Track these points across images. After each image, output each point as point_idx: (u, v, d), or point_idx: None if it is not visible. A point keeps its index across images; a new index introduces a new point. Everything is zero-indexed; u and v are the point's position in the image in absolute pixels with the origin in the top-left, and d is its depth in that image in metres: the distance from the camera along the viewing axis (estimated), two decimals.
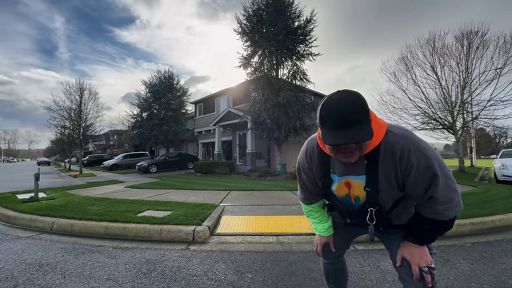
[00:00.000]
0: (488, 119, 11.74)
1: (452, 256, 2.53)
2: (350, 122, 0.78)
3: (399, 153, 0.86)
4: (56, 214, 3.99)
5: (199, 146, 20.76)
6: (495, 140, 37.75)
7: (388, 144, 0.88)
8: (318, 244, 1.31)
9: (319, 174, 1.07)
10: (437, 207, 0.90)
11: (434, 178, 0.85)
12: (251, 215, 4.07)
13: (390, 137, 0.88)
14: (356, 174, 0.97)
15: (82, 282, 2.06)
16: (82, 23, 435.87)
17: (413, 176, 0.87)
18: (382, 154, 0.89)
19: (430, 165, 0.84)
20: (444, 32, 12.08)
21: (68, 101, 15.51)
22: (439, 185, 0.86)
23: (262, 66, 11.76)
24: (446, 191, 0.87)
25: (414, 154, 0.85)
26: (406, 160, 0.86)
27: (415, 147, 0.85)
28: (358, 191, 1.00)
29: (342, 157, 0.87)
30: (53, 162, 47.50)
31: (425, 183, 0.87)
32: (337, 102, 0.80)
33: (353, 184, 1.00)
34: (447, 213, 0.91)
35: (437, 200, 0.88)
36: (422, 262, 0.95)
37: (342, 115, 0.78)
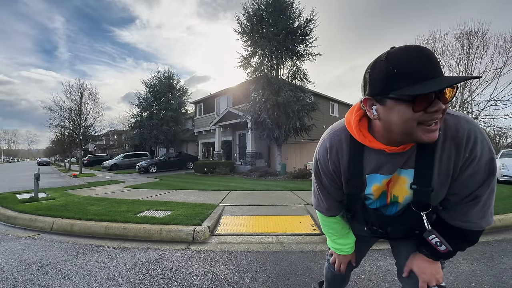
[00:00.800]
0: (488, 119, 11.77)
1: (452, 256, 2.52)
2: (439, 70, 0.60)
3: (464, 139, 0.68)
4: (56, 214, 3.99)
5: (199, 146, 20.76)
6: (495, 140, 37.68)
7: (449, 128, 0.70)
8: (342, 263, 1.11)
9: (349, 175, 0.84)
10: (473, 214, 0.75)
11: (490, 176, 0.71)
12: (251, 215, 4.07)
13: (451, 120, 0.70)
14: (403, 168, 0.77)
15: (82, 282, 2.06)
16: (82, 23, 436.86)
17: (470, 171, 0.71)
18: (441, 140, 0.70)
19: (491, 160, 0.70)
20: (444, 32, 12.18)
21: (68, 101, 15.53)
22: (489, 187, 0.72)
23: (262, 66, 11.76)
24: (490, 195, 0.74)
25: (480, 143, 0.68)
26: (470, 150, 0.69)
27: (483, 136, 0.69)
28: (399, 189, 0.80)
29: (425, 132, 0.63)
30: (53, 162, 47.50)
31: (479, 180, 0.71)
32: (415, 50, 0.60)
33: (395, 180, 0.80)
34: (481, 223, 0.76)
35: (479, 204, 0.74)
36: (433, 281, 0.83)
37: (431, 59, 0.59)
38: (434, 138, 0.64)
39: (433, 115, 0.61)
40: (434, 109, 0.60)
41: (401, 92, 0.60)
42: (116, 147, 36.73)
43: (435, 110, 0.61)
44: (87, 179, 11.38)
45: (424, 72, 0.58)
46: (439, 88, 0.56)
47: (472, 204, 0.74)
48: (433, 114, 0.61)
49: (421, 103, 0.60)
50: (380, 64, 0.63)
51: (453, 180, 0.74)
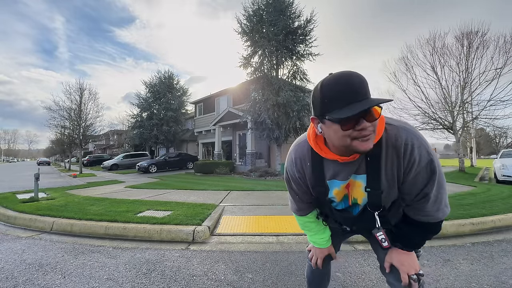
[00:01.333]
0: (488, 119, 11.75)
1: (452, 256, 2.53)
2: (362, 94, 0.70)
3: (402, 147, 0.79)
4: (56, 214, 3.99)
5: (199, 146, 20.76)
6: (495, 140, 37.77)
7: (390, 137, 0.80)
8: (318, 257, 1.18)
9: (313, 182, 0.95)
10: (428, 208, 0.87)
11: (433, 175, 0.81)
12: (251, 215, 4.07)
13: (391, 130, 0.81)
14: (357, 173, 0.88)
15: (82, 282, 2.06)
16: (82, 23, 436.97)
17: (413, 173, 0.82)
18: (384, 149, 0.81)
19: (430, 161, 0.80)
20: (444, 32, 12.11)
21: (68, 101, 15.55)
22: (435, 184, 0.83)
23: (262, 66, 11.76)
24: (438, 190, 0.84)
25: (417, 149, 0.79)
26: (409, 155, 0.79)
27: (419, 141, 0.79)
28: (357, 192, 0.92)
29: (359, 144, 0.74)
30: (53, 162, 47.50)
31: (423, 181, 0.82)
32: (342, 78, 0.71)
33: (352, 184, 0.92)
34: (438, 214, 0.88)
35: (430, 199, 0.85)
36: (411, 270, 0.92)
37: (353, 87, 0.70)
38: (368, 147, 0.75)
39: (360, 132, 0.72)
40: (359, 128, 0.72)
41: (330, 116, 0.73)
42: (116, 147, 36.74)
43: (360, 129, 0.72)
44: (87, 179, 11.38)
45: (347, 98, 0.70)
46: (353, 113, 0.67)
47: (424, 200, 0.86)
48: (361, 132, 0.72)
49: (347, 123, 0.72)
50: (316, 92, 0.76)
51: (400, 182, 0.85)
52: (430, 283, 2.01)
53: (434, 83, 12.32)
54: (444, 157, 67.73)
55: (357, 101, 0.69)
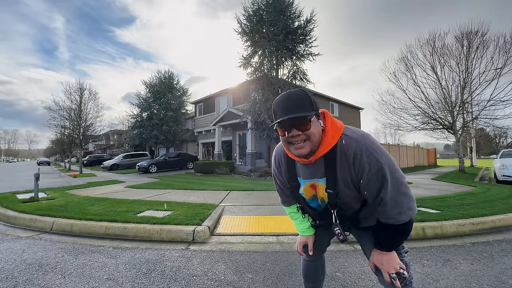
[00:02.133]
0: (488, 119, 11.75)
1: (452, 256, 2.53)
2: (293, 107, 0.88)
3: (352, 156, 0.89)
4: (56, 214, 3.99)
5: (199, 146, 20.76)
6: (495, 140, 37.78)
7: (342, 147, 0.91)
8: (298, 243, 1.34)
9: (288, 178, 1.13)
10: (388, 212, 0.92)
11: (384, 182, 0.87)
12: (251, 215, 4.07)
13: (345, 140, 0.92)
14: (318, 177, 1.00)
15: (82, 282, 2.06)
16: (82, 22, 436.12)
17: (365, 180, 0.90)
18: (338, 156, 0.92)
19: (380, 168, 0.87)
20: (444, 32, 12.10)
21: (68, 101, 15.53)
22: (388, 190, 0.88)
23: (262, 66, 11.76)
24: (396, 195, 0.89)
25: (366, 158, 0.87)
26: (358, 164, 0.88)
27: (368, 151, 0.87)
28: (322, 193, 1.03)
29: (294, 149, 0.91)
30: (53, 162, 47.49)
31: (376, 187, 0.89)
32: (284, 96, 0.92)
33: (317, 186, 1.03)
34: (400, 217, 0.92)
35: (386, 204, 0.90)
36: (391, 269, 0.98)
37: (287, 102, 0.90)
38: (301, 153, 0.91)
39: (293, 139, 0.90)
40: (290, 134, 0.89)
41: (272, 124, 0.94)
42: (116, 147, 36.73)
43: (291, 135, 0.89)
44: (87, 179, 11.38)
45: (282, 111, 0.89)
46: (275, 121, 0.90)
47: (382, 205, 0.92)
48: (293, 138, 0.90)
49: (281, 130, 0.91)
50: (272, 105, 0.97)
51: (357, 186, 0.94)
52: (430, 283, 2.01)
53: (434, 83, 12.34)
54: (444, 157, 67.74)
55: (289, 113, 0.87)
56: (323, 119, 0.96)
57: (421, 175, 11.47)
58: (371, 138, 0.92)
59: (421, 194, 5.85)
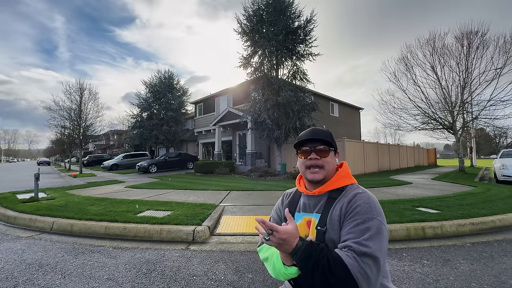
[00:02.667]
0: (488, 119, 11.75)
1: (452, 256, 2.53)
2: (318, 133, 0.99)
3: (351, 196, 0.90)
4: (56, 214, 3.99)
5: (199, 146, 20.76)
6: (495, 140, 37.77)
7: (349, 190, 0.95)
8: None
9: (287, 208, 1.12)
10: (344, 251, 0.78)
11: (365, 233, 0.78)
12: (251, 215, 4.07)
13: (354, 187, 0.96)
14: (315, 212, 0.98)
15: (82, 282, 2.06)
16: (83, 22, 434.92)
17: (349, 219, 0.84)
18: (341, 196, 0.94)
19: (370, 218, 0.81)
20: (444, 32, 12.10)
21: (68, 101, 15.53)
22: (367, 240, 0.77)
23: (262, 66, 11.76)
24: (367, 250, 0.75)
25: (363, 203, 0.86)
26: (353, 203, 0.88)
27: (367, 201, 0.87)
28: (312, 230, 0.95)
29: (310, 173, 0.97)
30: (53, 162, 47.50)
31: (355, 232, 0.79)
32: (310, 129, 1.03)
33: (312, 223, 0.97)
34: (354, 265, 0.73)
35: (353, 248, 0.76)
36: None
37: (313, 131, 1.01)
38: (315, 178, 0.96)
39: (311, 162, 0.96)
40: (309, 157, 0.97)
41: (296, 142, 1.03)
42: (116, 147, 36.73)
43: (309, 158, 0.97)
44: (87, 179, 11.38)
45: (305, 137, 0.99)
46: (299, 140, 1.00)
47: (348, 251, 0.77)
48: (312, 161, 0.96)
49: (302, 154, 1.00)
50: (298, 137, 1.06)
51: (341, 226, 0.88)
52: (430, 283, 2.01)
53: (434, 83, 12.33)
54: (444, 157, 67.76)
55: (312, 137, 0.97)
56: (340, 166, 1.03)
57: (421, 175, 11.48)
58: (376, 200, 0.90)
59: (421, 194, 5.85)
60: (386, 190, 6.73)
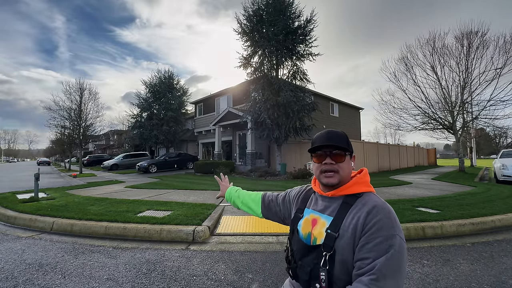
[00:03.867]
0: (488, 119, 11.75)
1: (452, 256, 2.53)
2: (333, 139, 0.95)
3: (371, 207, 0.85)
4: (56, 214, 3.99)
5: (199, 146, 20.76)
6: (495, 140, 37.78)
7: (366, 198, 0.91)
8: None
9: (297, 205, 1.13)
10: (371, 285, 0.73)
11: (390, 250, 0.75)
12: (251, 215, 4.07)
13: (372, 196, 0.92)
14: (326, 214, 0.96)
15: (82, 282, 2.06)
16: (83, 22, 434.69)
17: (368, 236, 0.79)
18: (357, 203, 0.90)
19: (392, 236, 0.77)
20: (444, 32, 12.12)
21: (68, 101, 15.53)
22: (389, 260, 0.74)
23: (262, 66, 11.76)
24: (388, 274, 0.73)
25: (384, 218, 0.81)
26: (372, 217, 0.82)
27: (387, 215, 0.82)
28: (319, 231, 0.93)
29: (324, 178, 0.95)
30: (53, 162, 47.50)
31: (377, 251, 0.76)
32: (326, 131, 1.00)
33: (318, 222, 0.96)
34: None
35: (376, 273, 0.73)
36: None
37: (328, 135, 0.97)
38: (330, 182, 0.94)
39: (326, 167, 0.94)
40: (324, 162, 0.95)
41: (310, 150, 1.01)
42: (116, 147, 36.72)
43: (325, 163, 0.94)
44: (87, 179, 11.38)
45: (322, 141, 0.96)
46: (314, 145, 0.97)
47: (368, 275, 0.74)
48: (326, 166, 0.94)
49: (316, 158, 0.98)
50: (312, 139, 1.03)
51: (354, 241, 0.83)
52: (430, 283, 2.01)
53: (434, 83, 12.34)
54: (444, 157, 67.76)
55: (329, 140, 0.94)
56: (359, 172, 1.00)
57: (421, 175, 11.48)
58: (395, 213, 0.86)
59: (421, 194, 5.85)
60: (386, 190, 6.73)
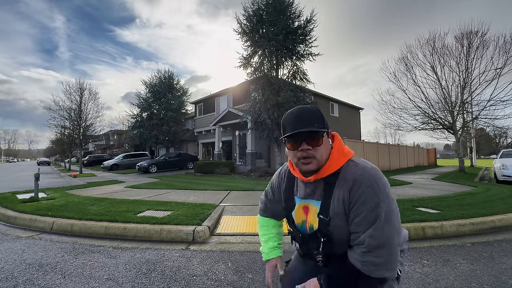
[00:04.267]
0: (488, 119, 11.74)
1: (452, 256, 2.53)
2: (305, 121, 0.86)
3: (351, 182, 0.83)
4: (56, 214, 3.99)
5: (199, 146, 20.76)
6: (495, 140, 37.78)
7: (345, 171, 0.87)
8: (268, 270, 1.14)
9: (286, 194, 1.07)
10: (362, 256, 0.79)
11: (376, 220, 0.77)
12: (251, 215, 4.07)
13: (350, 166, 0.87)
14: (315, 198, 0.94)
15: (82, 282, 2.06)
16: (83, 22, 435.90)
17: (355, 211, 0.81)
18: (339, 179, 0.87)
19: (376, 205, 0.78)
20: (444, 32, 12.12)
21: (68, 101, 15.53)
22: (376, 230, 0.77)
23: (262, 66, 11.75)
24: (380, 242, 0.76)
25: (365, 188, 0.80)
26: (355, 192, 0.81)
27: (369, 182, 0.80)
28: (312, 218, 0.94)
29: (302, 165, 0.88)
30: (53, 162, 47.49)
31: (365, 223, 0.79)
32: (295, 110, 0.90)
33: (310, 209, 0.95)
34: (371, 269, 0.77)
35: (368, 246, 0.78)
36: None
37: (300, 116, 0.88)
38: (309, 169, 0.87)
39: (302, 153, 0.87)
40: (300, 148, 0.87)
41: (282, 138, 0.91)
42: (116, 147, 36.71)
43: (301, 150, 0.87)
44: (87, 179, 11.38)
45: (293, 125, 0.87)
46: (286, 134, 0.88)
47: (363, 248, 0.79)
48: (302, 152, 0.87)
49: (290, 145, 0.90)
50: (281, 120, 0.94)
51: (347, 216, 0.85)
52: (430, 283, 2.01)
53: (434, 83, 12.33)
54: (444, 157, 67.77)
55: (301, 128, 0.85)
56: (332, 139, 0.92)
57: (421, 175, 11.48)
58: (379, 172, 0.84)
59: (421, 194, 5.85)
60: None
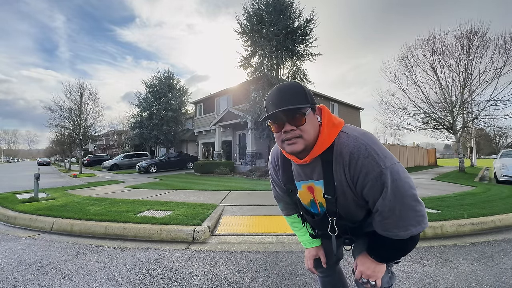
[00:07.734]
0: (488, 119, 11.74)
1: (452, 256, 2.53)
2: (286, 100, 0.79)
3: (348, 156, 0.78)
4: (56, 214, 3.99)
5: (199, 146, 20.76)
6: (495, 140, 37.74)
7: (339, 146, 0.81)
8: (308, 258, 1.18)
9: (284, 180, 1.02)
10: (385, 224, 0.80)
11: (383, 189, 0.75)
12: (251, 215, 4.07)
13: (342, 138, 0.81)
14: (315, 179, 0.89)
15: (82, 282, 2.06)
16: (83, 22, 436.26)
17: (361, 184, 0.78)
18: (334, 155, 0.81)
19: (379, 173, 0.74)
20: (444, 32, 12.11)
21: (68, 101, 15.56)
22: (387, 199, 0.75)
23: (262, 66, 11.76)
24: (397, 207, 0.75)
25: (363, 159, 0.76)
26: (354, 166, 0.77)
27: (367, 152, 0.76)
28: (320, 197, 0.91)
29: (287, 146, 0.82)
30: (53, 162, 47.49)
31: (374, 194, 0.77)
32: (275, 89, 0.84)
33: (315, 188, 0.91)
34: (398, 232, 0.78)
35: (383, 215, 0.78)
36: (365, 274, 0.91)
37: (279, 95, 0.81)
38: (294, 149, 0.81)
39: (286, 135, 0.81)
40: (283, 130, 0.81)
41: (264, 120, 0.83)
42: (116, 147, 36.71)
43: (284, 131, 0.81)
44: (87, 179, 11.38)
45: (275, 105, 0.80)
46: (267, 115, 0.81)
47: (378, 215, 0.80)
48: (286, 134, 0.81)
49: (274, 126, 0.84)
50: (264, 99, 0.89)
51: (354, 191, 0.83)
52: (430, 283, 2.01)
53: (434, 83, 12.34)
54: (444, 157, 67.77)
55: (281, 107, 0.78)
56: (320, 114, 0.85)
57: (421, 175, 11.47)
58: (373, 137, 0.80)
59: (421, 194, 5.85)
60: None
